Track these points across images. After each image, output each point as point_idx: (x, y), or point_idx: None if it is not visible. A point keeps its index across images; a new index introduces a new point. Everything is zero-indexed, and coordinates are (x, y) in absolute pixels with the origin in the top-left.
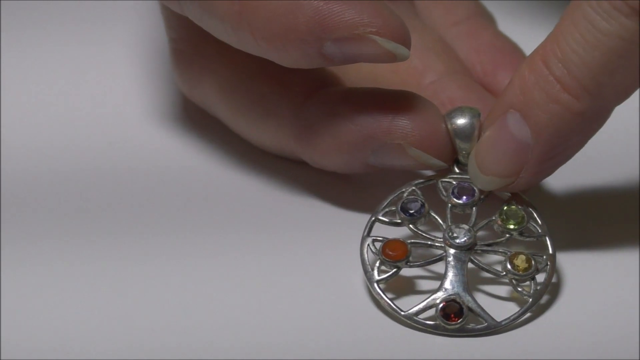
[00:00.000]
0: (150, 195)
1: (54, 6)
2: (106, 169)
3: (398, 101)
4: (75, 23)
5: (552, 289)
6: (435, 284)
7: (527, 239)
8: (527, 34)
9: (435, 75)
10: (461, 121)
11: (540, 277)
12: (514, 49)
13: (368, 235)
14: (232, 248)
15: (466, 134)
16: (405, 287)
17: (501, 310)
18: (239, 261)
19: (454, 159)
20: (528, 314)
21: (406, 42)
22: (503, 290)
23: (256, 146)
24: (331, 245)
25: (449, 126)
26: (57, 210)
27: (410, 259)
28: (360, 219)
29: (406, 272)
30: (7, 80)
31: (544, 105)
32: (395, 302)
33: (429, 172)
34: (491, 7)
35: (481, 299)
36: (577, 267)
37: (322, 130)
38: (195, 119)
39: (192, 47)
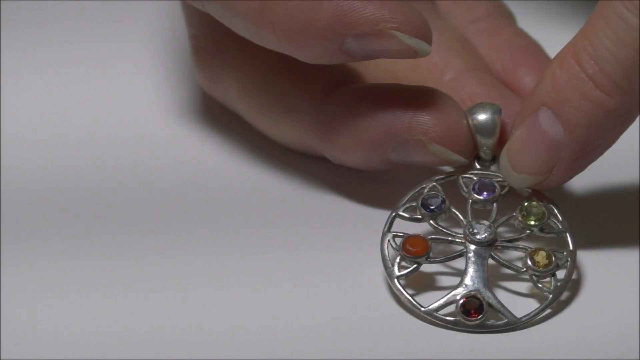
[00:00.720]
0: (170, 192)
1: (76, 3)
2: (126, 165)
3: (419, 97)
4: (96, 20)
5: (573, 286)
6: (455, 280)
7: (548, 235)
8: (547, 32)
9: (455, 72)
10: (482, 117)
11: (561, 274)
12: (534, 47)
13: (388, 231)
14: (252, 244)
15: (487, 129)
16: (426, 283)
17: (521, 306)
18: (259, 257)
19: (475, 154)
20: (548, 310)
21: (427, 38)
22: (523, 286)
23: (277, 142)
24: (351, 240)
25: (470, 122)
26: (75, 207)
27: (431, 254)
28: (381, 215)
29: (426, 268)
30: (28, 76)
31: (576, 103)
32: (416, 298)
33: (450, 168)
34: (511, 4)
35: (501, 295)
36: (597, 263)
37: (343, 127)
38: (216, 116)
39: (213, 43)
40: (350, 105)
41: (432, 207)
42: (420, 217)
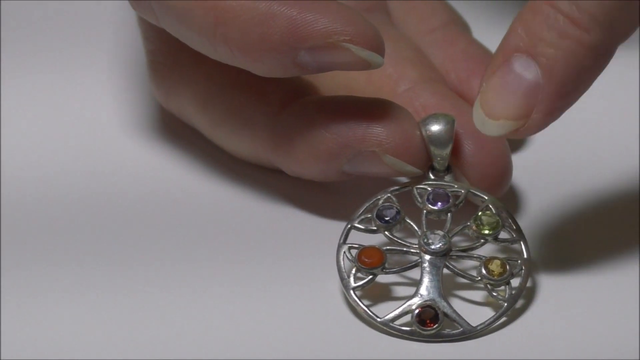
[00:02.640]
0: (127, 207)
1: (32, 18)
2: (82, 181)
3: (372, 109)
4: (52, 35)
5: (527, 294)
6: (411, 290)
7: (502, 244)
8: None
9: (409, 83)
10: (436, 128)
11: (515, 282)
12: (488, 57)
13: (344, 242)
14: (208, 257)
15: (441, 140)
16: (381, 294)
17: (476, 315)
18: (216, 270)
19: (429, 165)
20: (503, 319)
21: (380, 50)
22: (478, 295)
23: (233, 155)
24: (307, 252)
25: (424, 133)
26: (30, 228)
27: (386, 265)
28: (336, 227)
29: (382, 278)
30: None
31: (554, 42)
32: (372, 309)
33: (404, 179)
34: (466, 15)
35: (456, 304)
36: (551, 271)
37: (298, 139)
38: (173, 130)
39: (169, 58)
40: (305, 117)
41: (387, 218)
42: (375, 228)
